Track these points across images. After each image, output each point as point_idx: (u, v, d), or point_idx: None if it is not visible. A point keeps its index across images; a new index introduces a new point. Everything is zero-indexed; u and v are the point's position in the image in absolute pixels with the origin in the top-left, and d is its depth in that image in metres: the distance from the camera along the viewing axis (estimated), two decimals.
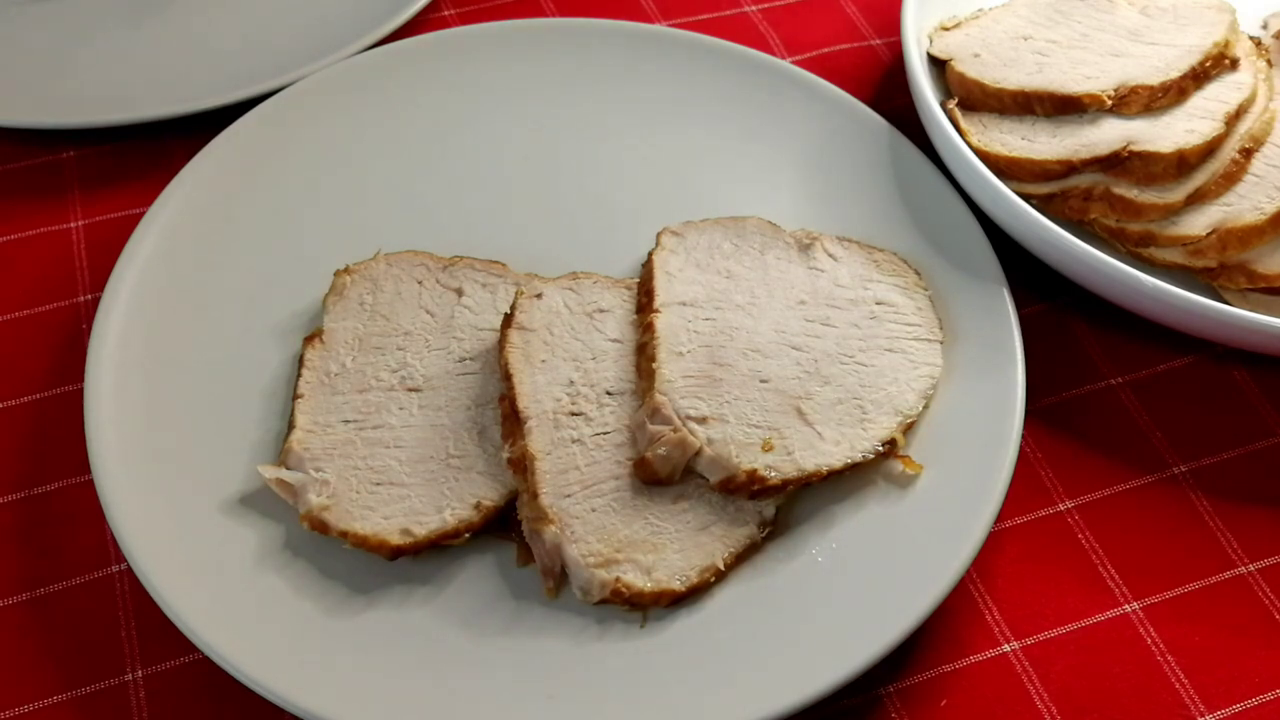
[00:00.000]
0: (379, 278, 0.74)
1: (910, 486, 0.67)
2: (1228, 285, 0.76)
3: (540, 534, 0.63)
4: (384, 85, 0.86)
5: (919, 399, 0.70)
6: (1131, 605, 0.68)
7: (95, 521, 0.68)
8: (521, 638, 0.63)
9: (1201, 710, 0.65)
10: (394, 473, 0.66)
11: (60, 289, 0.79)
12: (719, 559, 0.64)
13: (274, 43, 0.92)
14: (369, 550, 0.63)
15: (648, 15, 0.99)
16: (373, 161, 0.83)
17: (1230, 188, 0.77)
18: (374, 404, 0.69)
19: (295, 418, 0.68)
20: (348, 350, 0.71)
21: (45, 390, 0.75)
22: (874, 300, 0.74)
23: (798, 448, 0.66)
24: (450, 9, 0.98)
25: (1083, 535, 0.71)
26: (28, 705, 0.63)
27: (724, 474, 0.65)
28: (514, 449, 0.66)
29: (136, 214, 0.78)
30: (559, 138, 0.85)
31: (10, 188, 0.85)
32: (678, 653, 0.62)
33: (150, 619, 0.65)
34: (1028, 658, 0.66)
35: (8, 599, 0.66)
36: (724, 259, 0.75)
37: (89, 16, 0.95)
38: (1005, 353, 0.71)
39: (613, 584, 0.62)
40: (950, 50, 0.85)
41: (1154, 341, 0.79)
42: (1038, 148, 0.79)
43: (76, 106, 0.86)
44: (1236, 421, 0.76)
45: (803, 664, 0.60)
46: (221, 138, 0.81)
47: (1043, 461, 0.73)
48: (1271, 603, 0.69)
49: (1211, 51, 0.80)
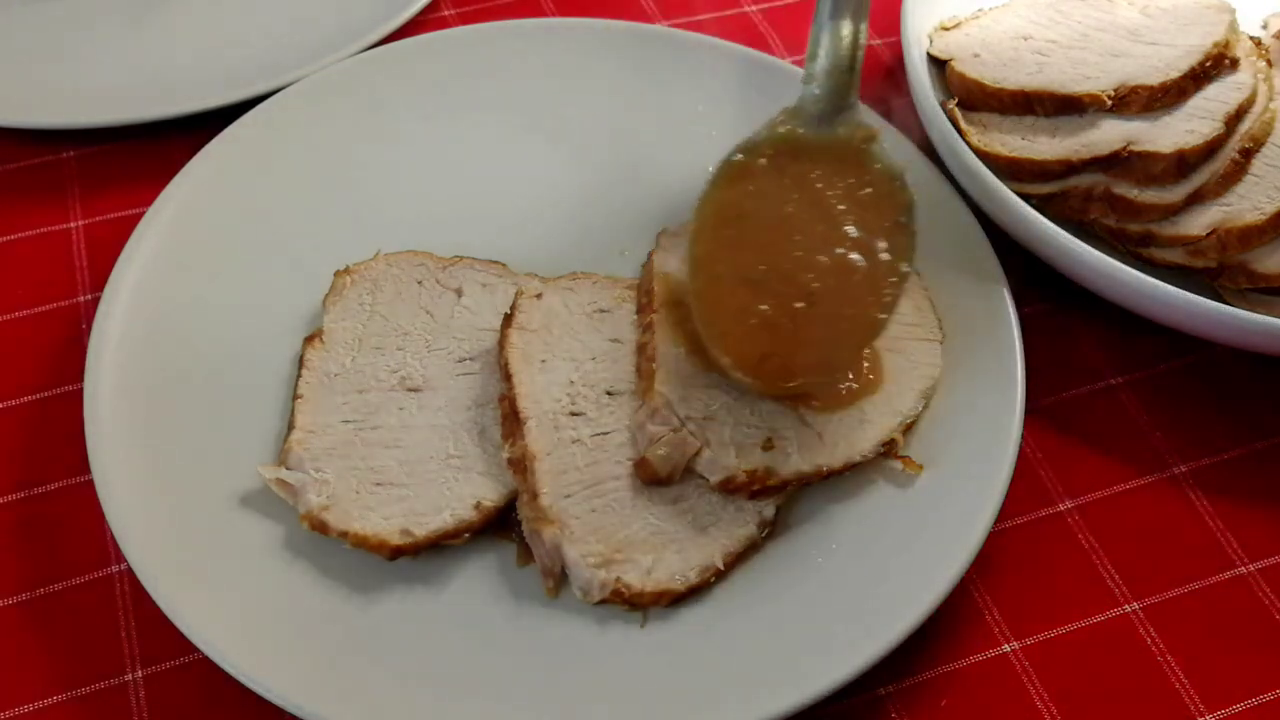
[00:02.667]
0: (379, 278, 0.74)
1: (910, 486, 0.67)
2: (1228, 285, 0.76)
3: (540, 534, 0.63)
4: (384, 85, 0.86)
5: (919, 399, 0.70)
6: (1131, 605, 0.68)
7: (95, 521, 0.68)
8: (521, 638, 0.63)
9: (1201, 710, 0.65)
10: (394, 473, 0.66)
11: (60, 289, 0.79)
12: (719, 559, 0.64)
13: (274, 43, 0.92)
14: (369, 550, 0.63)
15: (648, 15, 0.99)
16: (373, 161, 0.83)
17: (1230, 188, 0.77)
18: (374, 404, 0.69)
19: (295, 418, 0.68)
20: (348, 350, 0.71)
21: (45, 390, 0.75)
22: None
23: (797, 448, 0.66)
24: (450, 9, 0.98)
25: (1083, 535, 0.71)
26: (28, 705, 0.63)
27: (724, 474, 0.65)
28: (514, 449, 0.66)
29: (136, 214, 0.78)
30: (559, 138, 0.85)
31: (10, 188, 0.85)
32: (678, 653, 0.62)
33: (150, 619, 0.65)
34: (1028, 658, 0.66)
35: (8, 599, 0.66)
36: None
37: (89, 16, 0.95)
38: (1005, 353, 0.71)
39: (613, 584, 0.62)
40: (950, 50, 0.85)
41: (1154, 341, 0.79)
42: (1038, 148, 0.79)
43: (76, 106, 0.86)
44: (1236, 421, 0.76)
45: (803, 664, 0.60)
46: (221, 138, 0.81)
47: (1043, 461, 0.73)
48: (1271, 603, 0.69)
49: (1211, 51, 0.80)
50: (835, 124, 0.71)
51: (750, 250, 0.67)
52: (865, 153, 0.70)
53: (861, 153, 0.70)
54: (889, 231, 0.67)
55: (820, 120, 0.71)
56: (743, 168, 0.69)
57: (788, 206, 0.68)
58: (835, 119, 0.71)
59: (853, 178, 0.69)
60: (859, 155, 0.70)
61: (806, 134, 0.70)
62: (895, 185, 0.69)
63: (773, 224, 0.68)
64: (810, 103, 0.71)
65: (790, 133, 0.70)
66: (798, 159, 0.70)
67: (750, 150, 0.70)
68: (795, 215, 0.68)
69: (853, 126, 0.71)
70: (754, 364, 0.65)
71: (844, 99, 0.71)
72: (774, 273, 0.66)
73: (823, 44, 0.72)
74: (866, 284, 0.66)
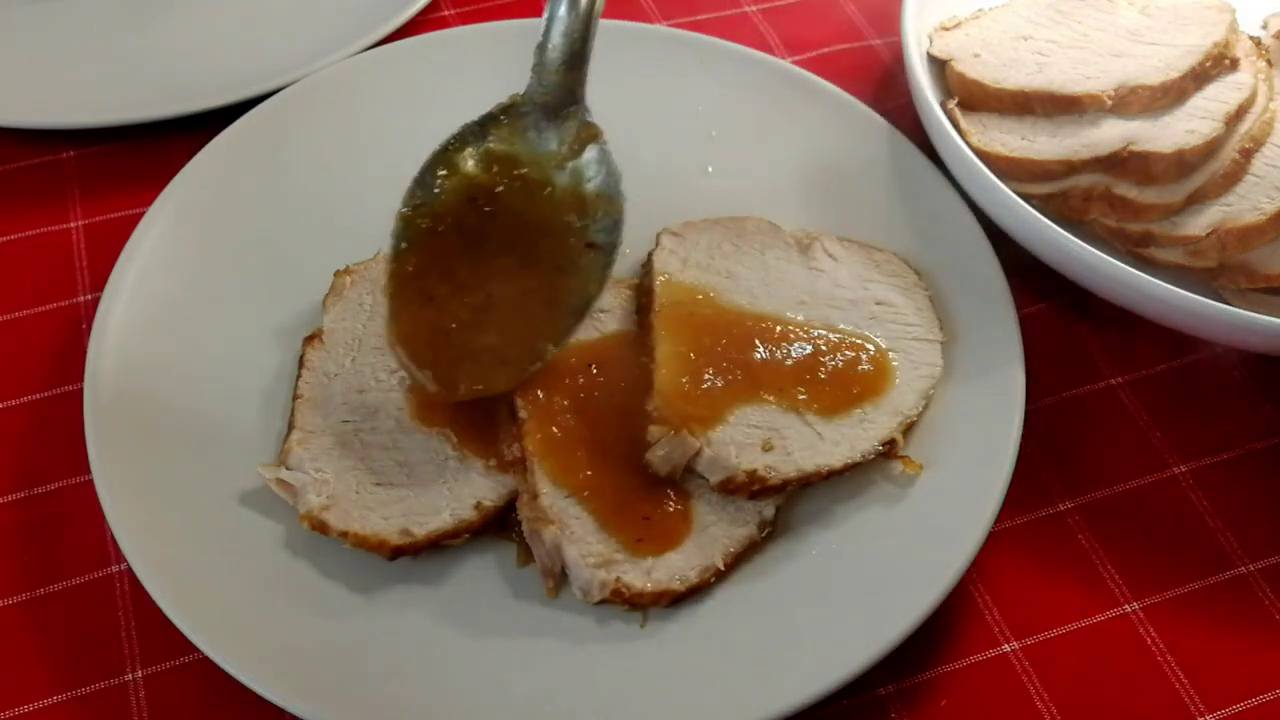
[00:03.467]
0: (379, 278, 0.74)
1: (910, 486, 0.67)
2: (1228, 285, 0.76)
3: (540, 534, 0.63)
4: (384, 85, 0.86)
5: (919, 399, 0.70)
6: (1131, 605, 0.68)
7: (95, 521, 0.68)
8: (521, 638, 0.63)
9: (1201, 710, 0.65)
10: (394, 473, 0.66)
11: (60, 289, 0.79)
12: (719, 559, 0.64)
13: (274, 43, 0.92)
14: (369, 550, 0.63)
15: (648, 15, 0.99)
16: (373, 161, 0.82)
17: (1230, 188, 0.77)
18: (374, 404, 0.69)
19: (295, 418, 0.68)
20: (347, 351, 0.71)
21: (45, 390, 0.75)
22: (874, 300, 0.74)
23: (797, 448, 0.66)
24: (450, 9, 0.98)
25: (1083, 535, 0.71)
26: (28, 705, 0.63)
27: (724, 474, 0.65)
28: (514, 449, 0.66)
29: (136, 214, 0.78)
30: None
31: (10, 188, 0.85)
32: (678, 653, 0.62)
33: (150, 619, 0.65)
34: (1028, 658, 0.66)
35: (8, 599, 0.66)
36: (724, 259, 0.75)
37: (89, 16, 0.94)
38: (1005, 353, 0.71)
39: (613, 584, 0.62)
40: (950, 50, 0.85)
41: (1154, 341, 0.79)
42: (1038, 148, 0.79)
43: (76, 106, 0.86)
44: (1236, 421, 0.76)
45: (803, 664, 0.60)
46: (221, 138, 0.81)
47: (1043, 461, 0.73)
48: (1271, 603, 0.69)
49: (1211, 51, 0.80)
50: (560, 118, 0.71)
51: (437, 267, 0.68)
52: (576, 170, 0.70)
53: (573, 172, 0.70)
54: (572, 261, 0.68)
55: (545, 113, 0.71)
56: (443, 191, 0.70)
57: (484, 229, 0.69)
58: (560, 113, 0.71)
59: (554, 203, 0.70)
60: (569, 174, 0.70)
61: (518, 150, 0.71)
62: (602, 201, 0.69)
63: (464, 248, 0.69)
64: (537, 94, 0.71)
65: (503, 150, 0.71)
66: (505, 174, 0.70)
67: (453, 166, 0.70)
68: (489, 240, 0.69)
69: (575, 127, 0.71)
70: (426, 366, 0.66)
71: (572, 95, 0.71)
72: (454, 291, 0.68)
73: (555, 30, 0.71)
74: (542, 314, 0.67)
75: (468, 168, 0.70)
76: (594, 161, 0.70)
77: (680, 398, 0.66)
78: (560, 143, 0.71)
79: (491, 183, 0.70)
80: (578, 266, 0.68)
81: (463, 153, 0.70)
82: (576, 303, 0.68)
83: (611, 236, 0.69)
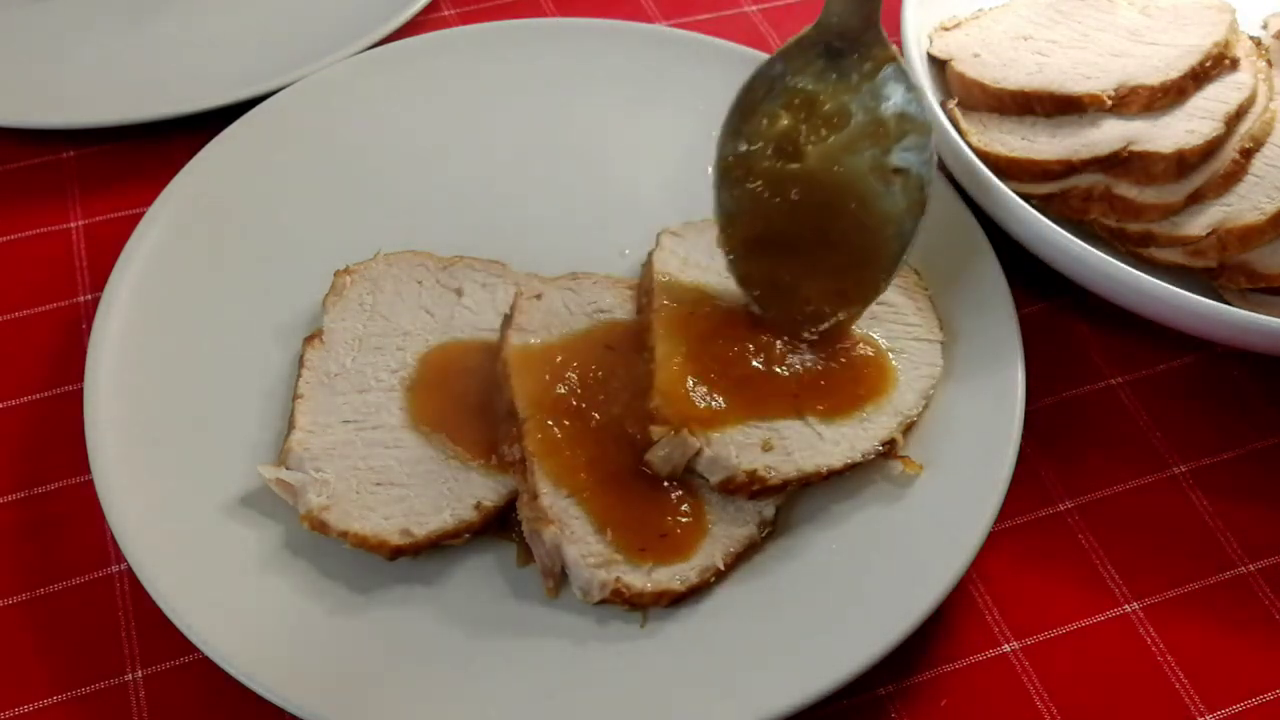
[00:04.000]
0: (379, 278, 0.74)
1: (910, 486, 0.67)
2: (1228, 285, 0.76)
3: (540, 534, 0.63)
4: (384, 85, 0.86)
5: (919, 399, 0.70)
6: (1131, 605, 0.68)
7: (95, 521, 0.68)
8: (521, 638, 0.63)
9: (1201, 710, 0.65)
10: (394, 473, 0.66)
11: (60, 289, 0.79)
12: (719, 559, 0.64)
13: (274, 43, 0.92)
14: (369, 550, 0.63)
15: (648, 15, 0.99)
16: (373, 161, 0.83)
17: (1230, 188, 0.77)
18: (374, 404, 0.69)
19: (295, 418, 0.68)
20: (348, 350, 0.71)
21: (45, 390, 0.75)
22: None
23: (797, 448, 0.66)
24: (450, 9, 0.98)
25: (1083, 535, 0.71)
26: (28, 705, 0.63)
27: (724, 474, 0.65)
28: (514, 449, 0.66)
29: (136, 214, 0.78)
30: (559, 137, 0.85)
31: (10, 188, 0.85)
32: (678, 653, 0.62)
33: (150, 619, 0.65)
34: (1028, 658, 0.66)
35: (8, 599, 0.66)
36: (724, 259, 0.75)
37: (89, 16, 0.95)
38: (1005, 353, 0.71)
39: (613, 584, 0.62)
40: (950, 50, 0.85)
41: (1154, 341, 0.79)
42: (1038, 148, 0.79)
43: (76, 106, 0.87)
44: (1236, 421, 0.76)
45: (803, 664, 0.60)
46: (222, 137, 0.81)
47: (1043, 461, 0.73)
48: (1271, 603, 0.69)
49: (1211, 51, 0.80)
50: (854, 46, 0.69)
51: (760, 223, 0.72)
52: (872, 92, 0.69)
53: (869, 94, 0.69)
54: (878, 192, 0.69)
55: (840, 39, 0.69)
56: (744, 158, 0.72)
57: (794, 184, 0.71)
58: (855, 40, 0.69)
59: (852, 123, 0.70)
60: (866, 97, 0.69)
61: (816, 89, 0.70)
62: (905, 122, 0.69)
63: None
64: (832, 21, 0.69)
65: (805, 88, 0.70)
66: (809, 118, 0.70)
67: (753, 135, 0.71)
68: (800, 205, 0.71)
69: (870, 52, 0.69)
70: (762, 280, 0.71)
71: (866, 21, 0.69)
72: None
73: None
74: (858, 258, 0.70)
75: (777, 114, 0.71)
76: (889, 79, 0.69)
77: (680, 397, 0.66)
78: (854, 71, 0.69)
79: (796, 129, 0.70)
80: (888, 194, 0.69)
81: (770, 95, 0.71)
82: (892, 232, 0.69)
83: (922, 156, 0.68)
